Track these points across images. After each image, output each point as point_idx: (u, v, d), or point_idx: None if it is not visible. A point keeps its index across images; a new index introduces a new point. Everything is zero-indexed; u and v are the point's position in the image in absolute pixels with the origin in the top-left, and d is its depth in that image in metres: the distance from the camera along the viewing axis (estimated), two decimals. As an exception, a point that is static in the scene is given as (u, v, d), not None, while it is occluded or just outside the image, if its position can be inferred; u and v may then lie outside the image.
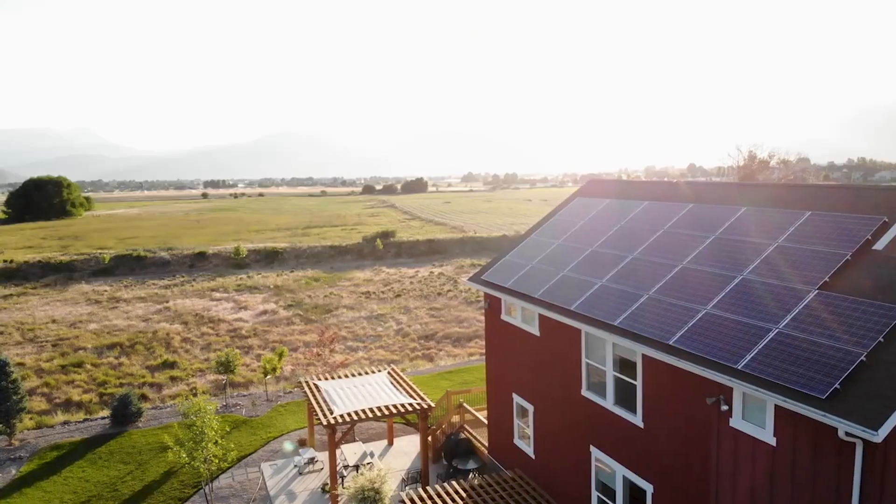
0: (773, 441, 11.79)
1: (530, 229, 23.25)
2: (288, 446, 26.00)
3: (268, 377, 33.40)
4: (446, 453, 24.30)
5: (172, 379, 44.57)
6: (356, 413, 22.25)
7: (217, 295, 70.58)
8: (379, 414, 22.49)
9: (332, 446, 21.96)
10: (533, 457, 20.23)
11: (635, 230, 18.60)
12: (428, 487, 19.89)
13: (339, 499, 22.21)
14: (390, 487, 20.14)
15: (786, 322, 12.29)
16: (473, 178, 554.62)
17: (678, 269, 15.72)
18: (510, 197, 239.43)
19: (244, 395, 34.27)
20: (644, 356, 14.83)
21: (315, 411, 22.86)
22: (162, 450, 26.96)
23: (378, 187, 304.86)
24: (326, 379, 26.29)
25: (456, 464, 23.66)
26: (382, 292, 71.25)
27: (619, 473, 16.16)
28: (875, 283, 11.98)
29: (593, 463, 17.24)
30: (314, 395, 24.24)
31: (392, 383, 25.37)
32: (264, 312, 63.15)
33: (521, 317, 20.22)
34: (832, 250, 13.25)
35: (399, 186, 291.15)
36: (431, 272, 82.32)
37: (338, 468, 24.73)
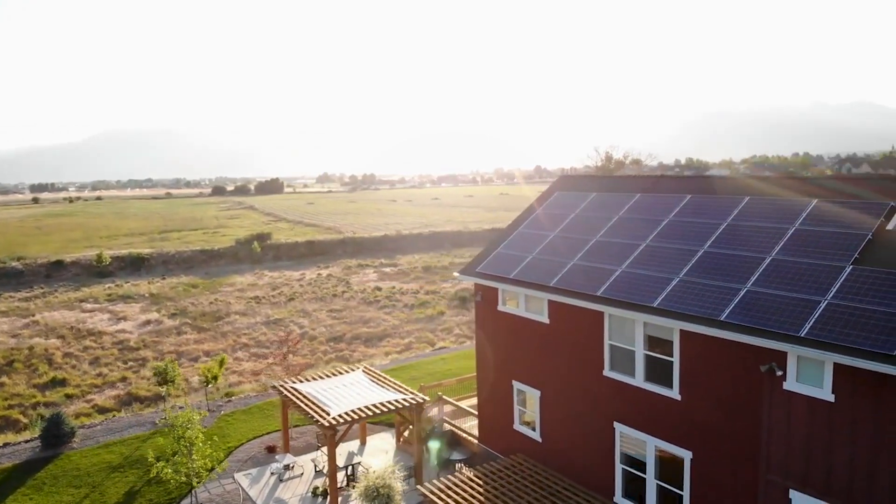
0: (831, 398, 13.47)
1: (512, 224, 24.10)
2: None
3: (209, 386, 31.65)
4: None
5: (68, 397, 40.94)
6: (354, 412, 21.96)
7: (88, 306, 65.15)
8: (377, 411, 22.32)
9: (332, 447, 21.52)
10: (539, 440, 21.08)
11: (637, 220, 20.03)
12: (444, 478, 20.12)
13: (349, 499, 21.83)
14: (400, 484, 20.16)
15: (832, 294, 14.07)
16: (329, 178, 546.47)
17: (701, 254, 17.25)
18: (373, 198, 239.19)
19: (181, 408, 32.20)
20: (682, 333, 16.17)
21: (308, 413, 22.26)
22: (113, 470, 24.98)
23: (229, 188, 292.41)
24: (300, 381, 25.56)
25: (445, 455, 23.97)
26: (273, 296, 69.17)
27: (651, 445, 17.42)
28: (903, 257, 14.08)
29: (618, 439, 18.40)
30: (299, 399, 23.54)
31: (373, 381, 25.18)
32: (147, 322, 59.33)
33: (525, 306, 21.01)
34: (852, 231, 15.29)
35: (252, 187, 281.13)
36: (319, 274, 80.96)
37: (321, 469, 24.21)
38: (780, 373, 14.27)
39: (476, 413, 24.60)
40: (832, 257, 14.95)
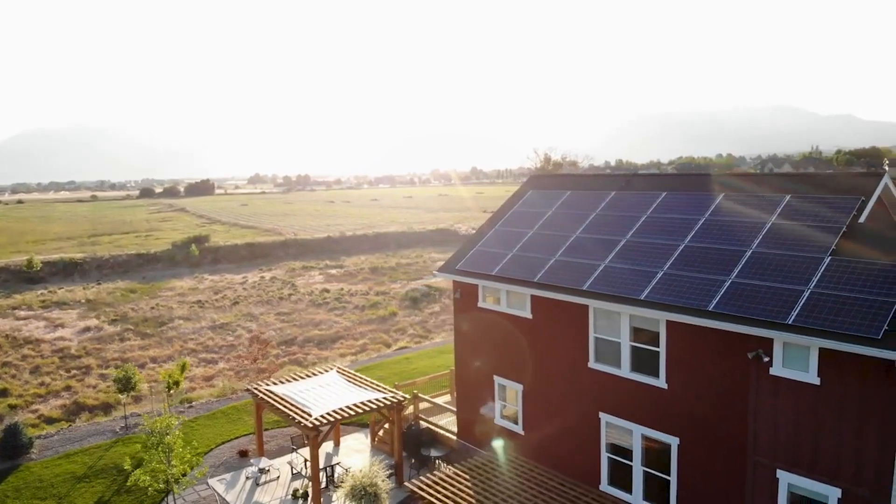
0: (817, 381, 14.31)
1: (488, 221, 24.43)
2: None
3: (171, 391, 30.76)
4: (409, 444, 24.57)
5: (11, 408, 39.03)
6: (336, 412, 21.83)
7: (22, 313, 62.23)
8: (359, 411, 22.26)
9: (316, 448, 21.32)
10: (522, 433, 21.47)
11: (614, 217, 20.66)
12: (431, 474, 20.24)
13: (331, 500, 21.66)
14: (387, 483, 20.16)
15: (814, 283, 14.93)
16: (261, 179, 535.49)
17: (682, 248, 17.97)
18: (309, 199, 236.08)
19: (138, 415, 31.19)
20: (669, 323, 16.83)
21: (288, 415, 22.00)
22: (78, 480, 24.06)
23: (158, 190, 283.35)
24: (274, 384, 25.19)
25: (425, 452, 24.08)
26: (217, 300, 67.64)
27: (637, 433, 18.03)
28: (877, 247, 15.07)
29: (603, 428, 18.95)
30: (276, 401, 23.21)
31: (349, 381, 25.05)
32: (87, 329, 57.16)
33: (507, 302, 21.36)
34: (827, 224, 16.25)
35: (182, 189, 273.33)
36: (262, 277, 79.54)
37: (298, 472, 23.95)
38: (766, 359, 15.05)
39: (453, 409, 24.80)
40: (810, 249, 15.85)
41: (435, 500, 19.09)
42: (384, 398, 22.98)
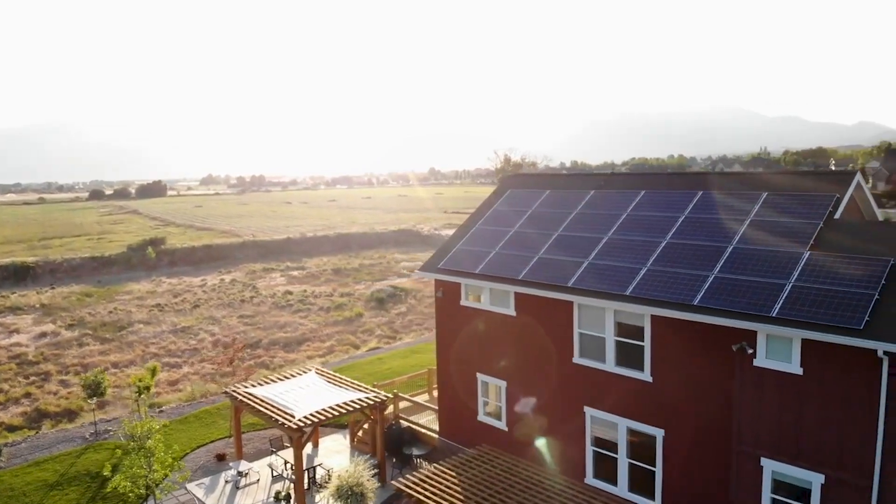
0: (800, 371, 14.86)
1: (467, 220, 24.61)
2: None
3: (141, 396, 30.03)
4: (391, 443, 24.55)
5: (-31, 416, 37.56)
6: (320, 413, 21.72)
7: (-27, 319, 59.91)
8: (343, 411, 22.18)
9: (300, 450, 21.18)
10: (505, 429, 21.68)
11: (595, 215, 21.05)
12: (414, 473, 20.27)
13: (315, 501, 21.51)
14: (373, 482, 20.15)
15: (795, 277, 15.50)
16: (214, 180, 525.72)
17: (664, 244, 18.43)
18: (265, 200, 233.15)
19: (107, 421, 30.45)
20: (653, 318, 17.24)
21: (271, 417, 21.79)
22: (50, 488, 23.42)
23: (108, 192, 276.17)
24: (253, 386, 24.90)
25: (407, 451, 24.11)
26: (176, 304, 66.40)
27: (623, 426, 18.41)
28: (855, 242, 15.73)
29: (588, 422, 19.29)
30: (257, 403, 22.96)
31: (328, 381, 24.92)
32: (43, 335, 55.60)
33: (490, 299, 21.56)
34: (804, 220, 16.88)
35: (133, 191, 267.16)
36: (222, 279, 78.33)
37: (279, 474, 23.73)
38: (750, 351, 15.55)
39: (435, 408, 24.88)
40: (790, 245, 16.44)
41: (422, 498, 19.16)
42: (367, 398, 22.95)
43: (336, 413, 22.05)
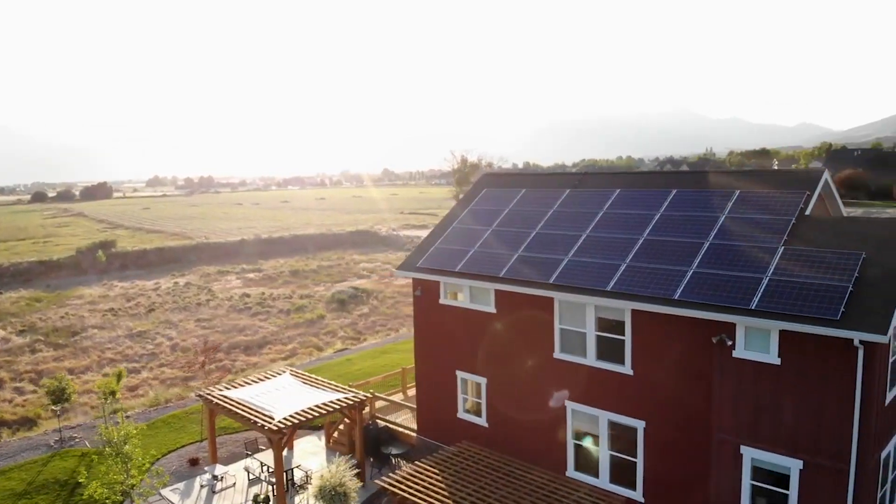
0: (777, 361, 15.47)
1: (443, 220, 24.74)
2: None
3: (108, 401, 29.27)
4: (368, 443, 24.50)
5: (-82, 428, 35.93)
6: (300, 414, 21.56)
7: (-85, 326, 57.31)
8: (322, 412, 22.05)
9: (280, 452, 20.97)
10: (486, 425, 21.90)
11: (572, 213, 21.45)
12: (398, 471, 20.31)
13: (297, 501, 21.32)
14: (355, 482, 20.11)
15: (772, 270, 16.12)
16: (161, 181, 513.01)
17: (642, 241, 18.91)
18: (215, 201, 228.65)
19: (71, 427, 29.57)
20: (634, 312, 17.69)
21: (248, 420, 21.52)
22: (19, 497, 22.70)
23: (51, 194, 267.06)
24: (226, 388, 24.53)
25: (385, 450, 24.10)
26: (130, 308, 64.78)
27: (604, 419, 18.81)
28: (826, 237, 16.45)
29: (569, 416, 19.65)
30: (233, 406, 22.63)
31: (304, 383, 24.73)
32: (-8, 341, 53.36)
33: (471, 297, 21.74)
34: (777, 217, 17.56)
35: (77, 193, 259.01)
36: (176, 283, 76.65)
37: (256, 477, 23.47)
38: (729, 343, 16.12)
39: (412, 406, 24.94)
40: (764, 239, 17.09)
41: (406, 496, 19.22)
42: (346, 398, 22.87)
43: (316, 414, 21.91)
